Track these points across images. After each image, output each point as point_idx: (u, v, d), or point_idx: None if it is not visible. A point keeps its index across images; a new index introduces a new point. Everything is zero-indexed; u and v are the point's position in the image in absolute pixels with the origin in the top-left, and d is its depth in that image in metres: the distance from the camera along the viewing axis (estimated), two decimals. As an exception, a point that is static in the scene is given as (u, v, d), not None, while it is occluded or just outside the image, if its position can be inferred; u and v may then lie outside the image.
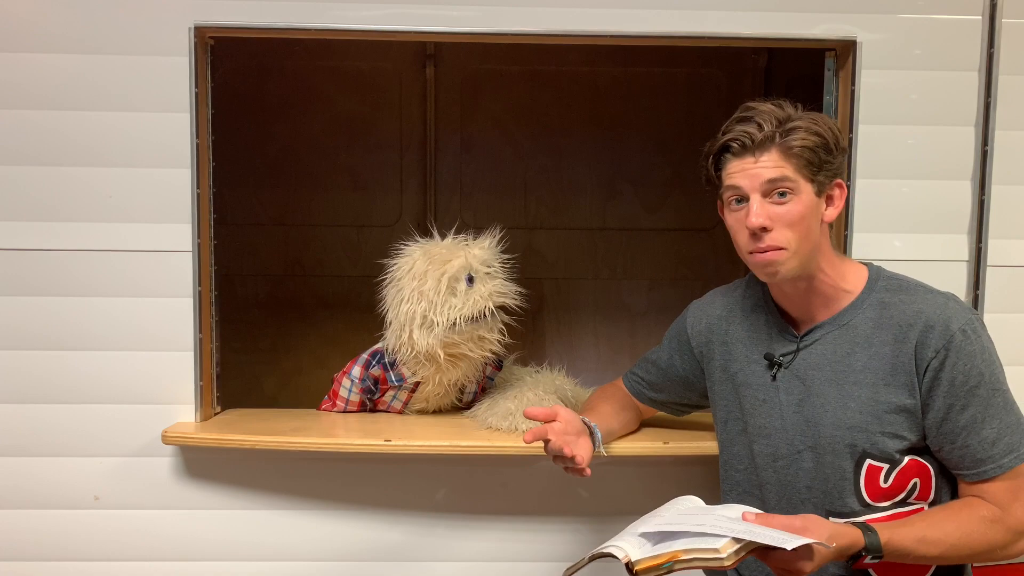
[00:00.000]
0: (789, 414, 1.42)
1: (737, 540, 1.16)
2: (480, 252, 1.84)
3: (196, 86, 1.77)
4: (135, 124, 1.78)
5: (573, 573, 1.28)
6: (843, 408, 1.37)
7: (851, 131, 1.78)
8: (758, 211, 1.32)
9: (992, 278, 1.80)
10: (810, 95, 1.82)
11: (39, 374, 1.83)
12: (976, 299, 1.80)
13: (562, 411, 1.48)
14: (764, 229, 1.32)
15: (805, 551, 1.17)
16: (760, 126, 1.32)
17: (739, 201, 1.36)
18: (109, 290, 1.81)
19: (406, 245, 1.87)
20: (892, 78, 1.79)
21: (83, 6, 1.76)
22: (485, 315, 1.79)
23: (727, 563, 1.15)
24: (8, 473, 1.85)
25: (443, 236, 1.87)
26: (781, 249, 1.33)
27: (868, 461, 1.36)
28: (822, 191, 1.36)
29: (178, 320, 1.82)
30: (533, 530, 1.87)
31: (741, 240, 1.37)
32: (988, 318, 1.74)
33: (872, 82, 1.78)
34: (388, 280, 1.86)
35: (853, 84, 1.78)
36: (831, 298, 1.41)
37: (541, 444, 1.45)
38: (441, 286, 1.77)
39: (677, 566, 1.16)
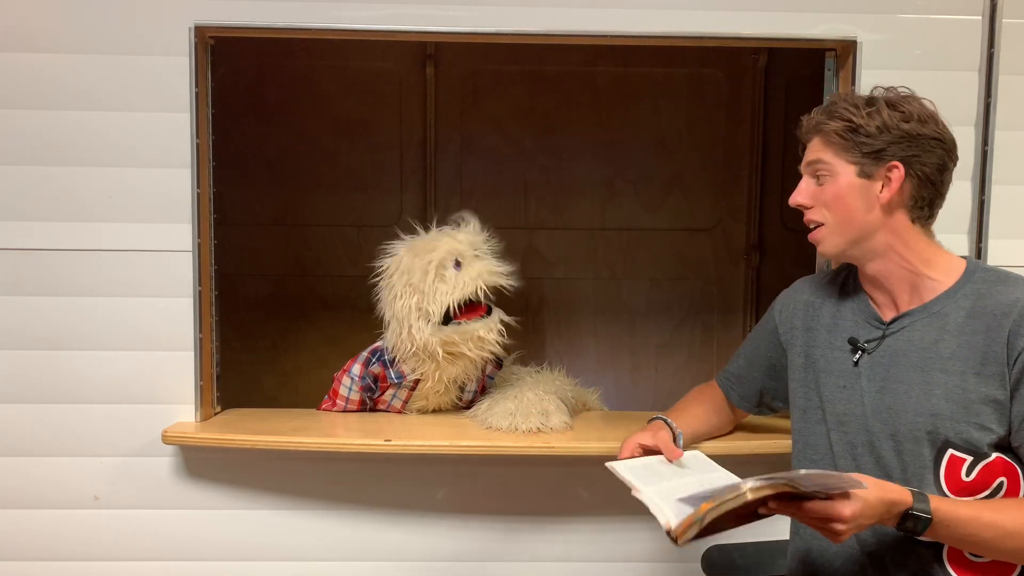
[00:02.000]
0: (870, 400, 1.40)
1: (762, 479, 1.17)
2: (465, 236, 1.85)
3: (196, 86, 1.77)
4: (135, 124, 1.78)
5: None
6: (927, 395, 1.33)
7: (851, 131, 1.77)
8: (799, 189, 1.43)
9: (992, 278, 1.80)
10: (810, 95, 1.82)
11: (39, 374, 1.83)
12: (976, 299, 1.80)
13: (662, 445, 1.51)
14: (802, 207, 1.42)
15: (842, 496, 1.18)
16: (811, 116, 1.43)
17: None
18: (109, 290, 1.81)
19: (391, 245, 1.88)
20: (892, 78, 1.77)
21: (83, 6, 1.76)
22: (479, 295, 1.79)
23: (749, 496, 1.16)
24: (8, 473, 1.85)
25: (427, 230, 1.89)
26: (820, 225, 1.41)
27: (951, 451, 1.32)
28: (870, 173, 1.37)
29: (178, 320, 1.82)
30: (533, 530, 1.87)
31: None
32: (988, 318, 1.74)
33: (872, 82, 1.76)
34: (381, 281, 1.87)
35: (853, 84, 1.78)
36: (914, 285, 1.40)
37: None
38: (429, 275, 1.78)
39: (709, 515, 1.18)
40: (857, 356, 1.43)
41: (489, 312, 1.85)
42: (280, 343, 3.16)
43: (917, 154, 1.38)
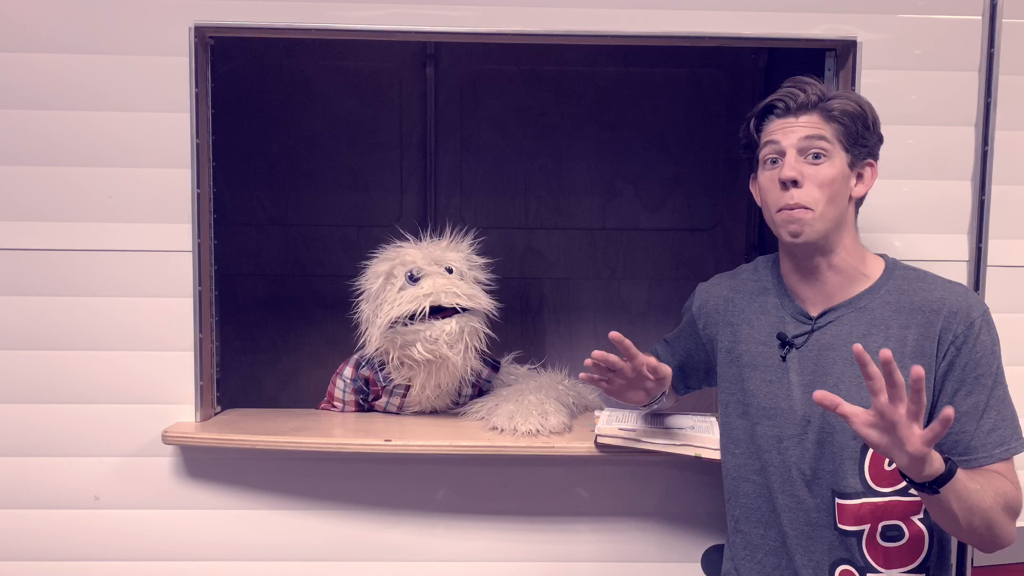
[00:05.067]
0: (798, 394, 1.42)
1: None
2: (431, 250, 1.85)
3: (196, 86, 1.77)
4: (135, 124, 1.78)
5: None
6: (858, 387, 1.36)
7: (851, 131, 1.78)
8: (792, 164, 1.37)
9: (992, 278, 1.80)
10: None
11: (39, 374, 1.83)
12: (976, 299, 1.80)
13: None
14: (795, 183, 1.37)
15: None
16: (804, 91, 1.40)
17: (773, 162, 1.42)
18: (109, 290, 1.81)
19: (383, 249, 1.89)
20: (892, 78, 1.79)
21: (83, 6, 1.76)
22: (420, 314, 1.76)
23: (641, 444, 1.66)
24: (8, 473, 1.85)
25: (420, 237, 1.90)
26: (808, 209, 1.36)
27: None
28: (855, 165, 1.41)
29: (178, 320, 1.82)
30: (533, 530, 1.87)
31: (771, 198, 1.41)
32: (988, 318, 1.74)
33: (872, 82, 1.78)
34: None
35: (853, 84, 1.77)
36: (850, 279, 1.43)
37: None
38: (377, 284, 1.80)
39: (600, 436, 1.69)
40: (785, 351, 1.45)
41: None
42: (280, 343, 3.15)
43: (876, 152, 1.45)
